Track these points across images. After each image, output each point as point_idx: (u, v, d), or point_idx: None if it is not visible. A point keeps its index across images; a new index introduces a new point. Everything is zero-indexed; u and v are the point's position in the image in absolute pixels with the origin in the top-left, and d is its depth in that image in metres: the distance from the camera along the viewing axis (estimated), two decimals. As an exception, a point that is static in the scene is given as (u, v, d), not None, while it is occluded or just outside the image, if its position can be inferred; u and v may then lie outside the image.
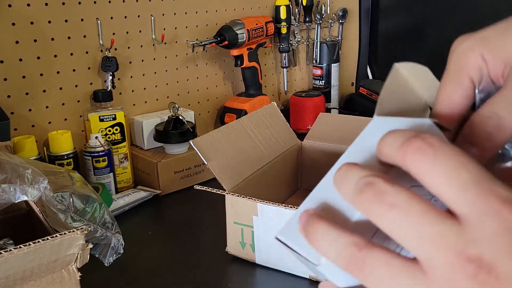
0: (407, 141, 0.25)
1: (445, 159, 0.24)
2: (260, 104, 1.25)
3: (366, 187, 0.25)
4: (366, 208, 0.25)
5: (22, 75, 0.97)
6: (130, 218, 0.96)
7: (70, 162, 0.95)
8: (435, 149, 0.24)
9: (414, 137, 0.25)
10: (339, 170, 0.27)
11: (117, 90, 1.10)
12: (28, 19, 0.95)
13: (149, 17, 1.13)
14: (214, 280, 0.76)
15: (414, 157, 0.24)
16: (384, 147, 0.26)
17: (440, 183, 0.24)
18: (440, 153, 0.24)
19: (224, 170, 0.78)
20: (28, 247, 0.48)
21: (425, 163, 0.24)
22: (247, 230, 0.76)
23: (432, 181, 0.24)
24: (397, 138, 0.25)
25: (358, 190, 0.25)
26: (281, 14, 1.38)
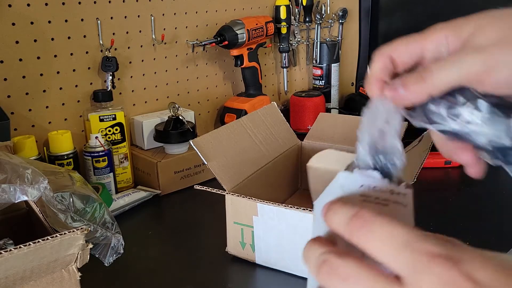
0: (350, 220, 0.29)
1: (378, 232, 0.28)
2: (260, 104, 1.25)
3: (322, 264, 0.29)
4: (326, 283, 0.29)
5: (22, 75, 0.97)
6: (130, 218, 0.96)
7: (70, 162, 0.95)
8: (371, 224, 0.29)
9: (355, 216, 0.29)
10: (305, 247, 0.31)
11: (117, 90, 1.10)
12: (28, 19, 0.95)
13: (149, 17, 1.13)
14: (214, 280, 0.75)
15: (357, 234, 0.29)
16: (331, 224, 0.31)
17: (379, 252, 0.28)
18: (374, 227, 0.29)
19: (224, 170, 0.78)
20: (28, 247, 0.48)
21: (364, 239, 0.29)
22: (247, 230, 0.76)
23: (374, 252, 0.28)
24: (341, 216, 0.30)
25: (317, 268, 0.29)
26: (281, 14, 1.38)
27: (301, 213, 0.69)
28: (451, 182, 1.10)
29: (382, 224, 0.28)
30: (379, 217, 0.29)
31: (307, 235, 0.32)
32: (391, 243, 0.28)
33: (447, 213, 0.94)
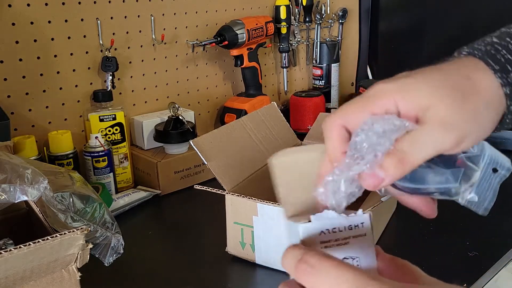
0: (297, 264, 0.32)
1: (324, 276, 0.30)
2: (260, 104, 1.25)
3: (298, 263, 0.32)
4: (302, 279, 0.32)
5: (22, 75, 0.97)
6: (130, 218, 0.96)
7: (70, 162, 0.95)
8: (316, 269, 0.31)
9: (300, 261, 0.32)
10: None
11: (117, 90, 1.10)
12: (28, 19, 0.95)
13: (149, 17, 1.13)
14: (214, 280, 0.75)
15: (303, 278, 0.32)
16: (284, 266, 0.34)
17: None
18: (320, 271, 0.31)
19: (224, 170, 0.77)
20: (28, 247, 0.48)
21: (313, 282, 0.31)
22: (247, 230, 0.76)
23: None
24: (290, 261, 0.33)
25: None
26: (281, 14, 1.38)
27: (301, 213, 0.69)
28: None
29: (328, 270, 0.30)
30: (325, 261, 0.31)
31: None
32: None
33: (447, 213, 0.93)
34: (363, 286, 0.29)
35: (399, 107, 0.35)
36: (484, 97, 0.36)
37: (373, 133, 0.35)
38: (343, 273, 0.30)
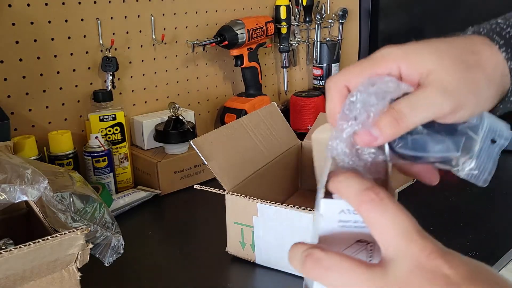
0: (363, 191, 0.32)
1: (391, 212, 0.31)
2: (260, 104, 1.25)
3: (306, 258, 0.32)
4: (309, 274, 0.32)
5: (22, 75, 0.97)
6: (130, 218, 0.96)
7: (70, 162, 0.95)
8: (385, 203, 0.31)
9: (369, 189, 0.32)
10: (289, 250, 0.34)
11: (117, 90, 1.10)
12: (28, 19, 0.95)
13: (149, 17, 1.13)
14: (214, 280, 0.75)
15: (367, 206, 0.31)
16: (343, 189, 0.33)
17: (382, 230, 0.31)
18: (388, 207, 0.31)
19: (224, 170, 0.77)
20: (28, 247, 0.48)
21: (375, 213, 0.31)
22: (247, 230, 0.76)
23: (377, 227, 0.31)
24: (355, 185, 0.32)
25: (302, 262, 0.32)
26: (281, 14, 1.38)
27: (300, 213, 0.69)
28: (451, 182, 1.10)
29: (396, 209, 0.31)
30: (395, 201, 0.31)
31: (307, 235, 0.33)
32: (398, 228, 0.31)
33: (447, 213, 0.94)
34: (415, 233, 0.30)
35: (401, 71, 0.36)
36: (487, 72, 0.36)
37: (367, 94, 0.35)
38: (406, 217, 0.31)
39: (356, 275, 0.31)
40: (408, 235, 0.30)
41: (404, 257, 0.30)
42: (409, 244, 0.30)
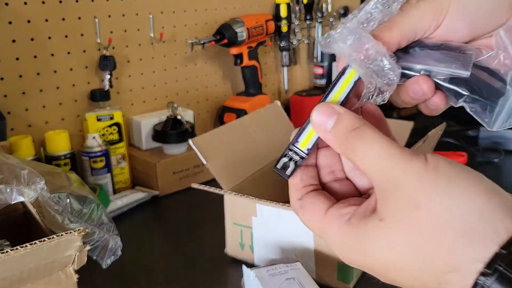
0: (347, 134, 0.31)
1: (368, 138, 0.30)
2: (260, 104, 1.24)
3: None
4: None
5: (19, 74, 0.96)
6: (128, 219, 0.95)
7: (67, 162, 0.94)
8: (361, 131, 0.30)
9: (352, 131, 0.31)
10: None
11: (115, 90, 1.10)
12: (25, 17, 0.94)
13: (147, 15, 1.12)
14: (213, 281, 0.75)
15: (354, 144, 0.30)
16: (335, 130, 0.32)
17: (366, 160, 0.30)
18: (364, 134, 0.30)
19: (223, 170, 0.77)
20: (25, 248, 0.47)
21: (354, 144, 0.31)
22: (246, 231, 0.76)
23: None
24: (342, 127, 0.31)
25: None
26: (281, 12, 1.38)
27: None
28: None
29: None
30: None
31: (306, 236, 0.33)
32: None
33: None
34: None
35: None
36: None
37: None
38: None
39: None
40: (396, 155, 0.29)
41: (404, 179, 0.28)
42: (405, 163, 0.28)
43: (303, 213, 0.34)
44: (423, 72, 0.35)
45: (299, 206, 0.34)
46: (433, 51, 0.35)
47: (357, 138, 0.30)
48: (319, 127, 0.32)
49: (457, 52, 0.35)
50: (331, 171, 0.36)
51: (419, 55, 0.35)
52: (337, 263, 0.68)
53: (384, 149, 0.29)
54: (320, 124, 0.32)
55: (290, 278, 0.63)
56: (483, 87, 0.35)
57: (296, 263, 0.67)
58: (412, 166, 0.28)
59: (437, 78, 0.35)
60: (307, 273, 0.65)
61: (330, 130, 0.31)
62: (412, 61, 0.35)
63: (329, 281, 0.70)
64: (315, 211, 0.33)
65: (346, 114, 0.31)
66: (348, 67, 0.34)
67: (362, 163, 0.30)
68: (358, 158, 0.30)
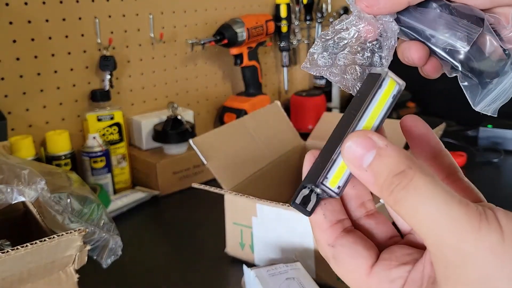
0: (391, 179, 0.24)
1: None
2: (260, 104, 1.25)
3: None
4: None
5: (19, 74, 0.96)
6: (128, 219, 0.95)
7: (67, 162, 0.94)
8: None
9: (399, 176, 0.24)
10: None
11: (115, 90, 1.10)
12: (26, 18, 0.94)
13: (147, 15, 1.13)
14: (213, 281, 0.75)
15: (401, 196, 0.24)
16: (377, 169, 0.25)
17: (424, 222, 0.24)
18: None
19: (223, 169, 0.77)
20: (26, 248, 0.47)
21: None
22: (246, 231, 0.76)
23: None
24: (387, 167, 0.24)
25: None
26: (281, 13, 1.38)
27: (300, 213, 0.68)
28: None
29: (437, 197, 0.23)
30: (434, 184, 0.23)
31: (306, 236, 0.31)
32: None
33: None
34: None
35: None
36: None
37: None
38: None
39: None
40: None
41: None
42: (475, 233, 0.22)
43: (339, 266, 0.27)
44: (424, 35, 0.32)
45: (332, 256, 0.27)
46: (444, 13, 0.31)
47: (403, 187, 0.23)
48: (352, 163, 0.25)
49: (467, 20, 0.31)
50: (361, 203, 0.29)
51: (429, 14, 0.31)
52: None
53: (442, 207, 0.22)
54: (354, 159, 0.25)
55: (290, 278, 0.63)
56: (481, 64, 0.31)
57: (296, 263, 0.67)
58: (484, 237, 0.21)
59: (436, 45, 0.31)
60: (307, 273, 0.65)
61: (366, 169, 0.24)
62: (419, 20, 0.31)
63: (329, 281, 0.70)
64: (356, 266, 0.26)
65: (389, 150, 0.24)
66: (384, 78, 0.27)
67: (412, 221, 0.23)
68: (406, 213, 0.23)
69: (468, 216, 0.22)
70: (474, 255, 0.21)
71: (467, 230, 0.21)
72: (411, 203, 0.23)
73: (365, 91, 0.27)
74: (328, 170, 0.27)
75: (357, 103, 0.27)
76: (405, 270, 0.25)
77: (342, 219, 0.28)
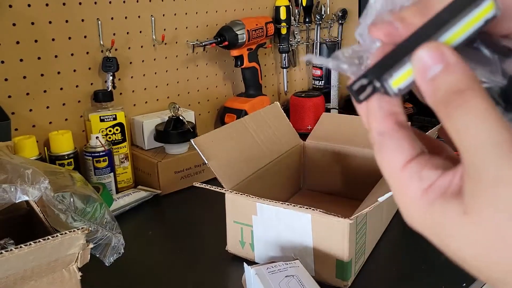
0: (452, 97, 0.25)
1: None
2: (260, 105, 1.25)
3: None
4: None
5: (23, 75, 0.97)
6: (130, 218, 0.96)
7: (70, 162, 0.95)
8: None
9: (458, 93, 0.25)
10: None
11: (118, 90, 1.11)
12: (29, 19, 0.95)
13: (149, 17, 1.14)
14: (214, 279, 0.76)
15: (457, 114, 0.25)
16: (437, 87, 0.25)
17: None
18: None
19: (224, 169, 0.78)
20: (29, 246, 0.48)
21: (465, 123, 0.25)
22: (247, 229, 0.77)
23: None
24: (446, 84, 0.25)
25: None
26: (281, 15, 1.39)
27: (299, 212, 0.69)
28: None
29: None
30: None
31: (305, 234, 0.32)
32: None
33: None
34: None
35: None
36: None
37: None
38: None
39: None
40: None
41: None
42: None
43: (381, 153, 0.28)
44: None
45: (378, 143, 0.28)
46: (469, 47, 0.28)
47: (459, 105, 0.24)
48: (419, 71, 0.25)
49: (491, 51, 0.28)
50: None
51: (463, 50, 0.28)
52: (336, 260, 0.69)
53: (492, 133, 0.23)
54: (421, 67, 0.25)
55: (289, 276, 0.64)
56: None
57: (295, 261, 0.68)
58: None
59: None
60: (306, 270, 0.66)
61: (430, 80, 0.25)
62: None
63: (328, 278, 0.71)
64: (395, 158, 0.27)
65: (456, 67, 0.25)
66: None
67: (458, 137, 0.24)
68: (455, 130, 0.24)
69: (511, 144, 0.23)
70: (508, 178, 0.23)
71: (508, 156, 0.23)
72: (462, 122, 0.24)
73: (460, 5, 0.25)
74: (396, 70, 0.27)
75: (449, 12, 0.25)
76: (435, 174, 0.26)
77: (397, 112, 0.28)
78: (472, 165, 0.24)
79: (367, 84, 0.27)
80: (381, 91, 0.27)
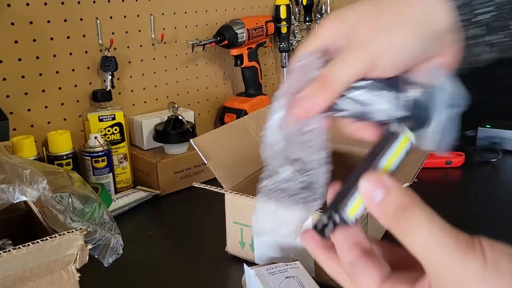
0: (397, 213, 0.29)
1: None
2: (260, 104, 1.25)
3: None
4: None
5: (21, 75, 0.96)
6: (129, 218, 0.95)
7: (69, 162, 0.95)
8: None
9: (403, 209, 0.29)
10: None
11: (117, 90, 1.10)
12: (27, 18, 0.95)
13: (148, 16, 1.13)
14: (213, 280, 0.75)
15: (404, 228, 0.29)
16: (382, 206, 0.30)
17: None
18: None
19: (224, 169, 0.77)
20: (27, 247, 0.47)
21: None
22: (246, 230, 0.76)
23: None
24: (391, 202, 0.29)
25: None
26: (281, 14, 1.38)
27: (301, 213, 0.69)
28: (451, 182, 1.10)
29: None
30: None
31: None
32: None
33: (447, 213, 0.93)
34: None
35: (337, 34, 0.36)
36: (408, 12, 0.34)
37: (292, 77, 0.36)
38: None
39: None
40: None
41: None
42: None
43: (355, 282, 0.31)
44: (367, 116, 0.35)
45: (351, 273, 0.32)
46: (367, 91, 0.35)
47: (406, 220, 0.28)
48: (367, 198, 0.30)
49: (392, 90, 0.34)
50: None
51: (360, 95, 0.35)
52: (336, 262, 0.69)
53: (434, 237, 0.27)
54: (368, 195, 0.30)
55: (289, 277, 0.64)
56: (415, 119, 0.34)
57: (295, 262, 0.67)
58: (470, 263, 0.26)
59: (379, 119, 0.35)
60: (306, 272, 0.66)
61: (377, 204, 0.29)
62: (354, 102, 0.35)
63: (328, 279, 0.70)
64: (368, 284, 0.31)
65: (395, 189, 0.29)
66: (400, 133, 0.33)
67: (414, 249, 0.28)
68: (409, 243, 0.28)
69: (457, 245, 0.26)
70: (462, 277, 0.26)
71: (457, 256, 0.26)
72: (412, 234, 0.28)
73: (384, 142, 0.33)
74: (348, 200, 0.32)
75: (379, 148, 0.33)
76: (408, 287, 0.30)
77: (361, 241, 0.32)
78: (432, 269, 0.27)
79: (328, 221, 0.33)
80: (341, 223, 0.32)
